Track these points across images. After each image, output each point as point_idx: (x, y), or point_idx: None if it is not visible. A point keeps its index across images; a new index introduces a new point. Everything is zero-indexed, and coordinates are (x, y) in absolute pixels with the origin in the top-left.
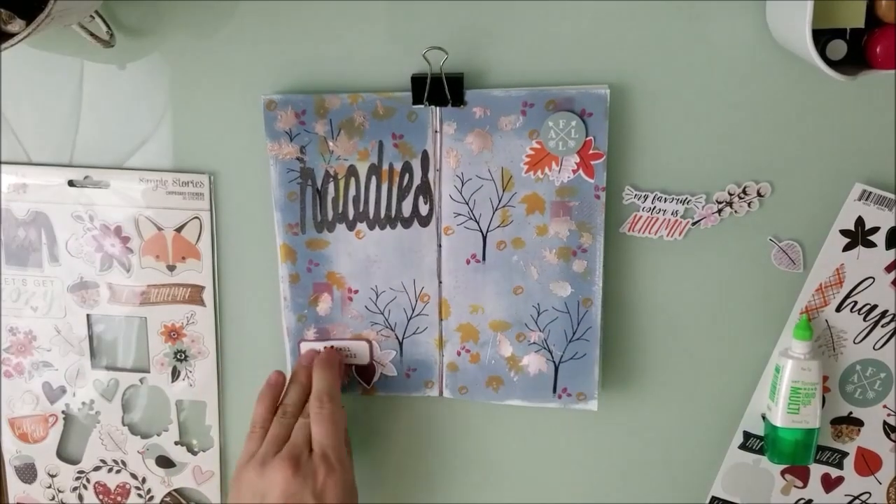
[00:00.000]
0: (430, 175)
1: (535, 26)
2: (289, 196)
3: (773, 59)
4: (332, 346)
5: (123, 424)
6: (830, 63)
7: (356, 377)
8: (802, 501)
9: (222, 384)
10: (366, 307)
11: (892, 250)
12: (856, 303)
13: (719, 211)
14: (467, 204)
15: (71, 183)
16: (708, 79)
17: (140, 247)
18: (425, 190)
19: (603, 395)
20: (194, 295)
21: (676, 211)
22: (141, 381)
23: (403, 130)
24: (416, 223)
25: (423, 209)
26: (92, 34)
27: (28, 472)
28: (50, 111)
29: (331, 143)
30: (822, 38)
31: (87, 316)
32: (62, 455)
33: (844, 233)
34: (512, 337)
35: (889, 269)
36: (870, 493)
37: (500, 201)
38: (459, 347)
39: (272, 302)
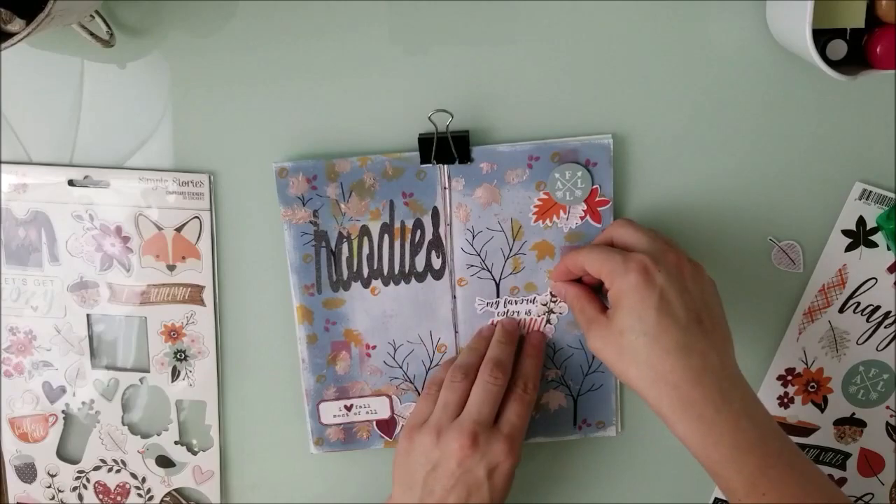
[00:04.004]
0: (441, 230)
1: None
2: (304, 258)
3: (773, 59)
4: (539, 330)
5: (123, 424)
6: (830, 63)
7: (377, 431)
8: None
9: (222, 384)
10: (384, 362)
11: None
12: (858, 304)
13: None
14: (479, 255)
15: (71, 182)
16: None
17: (140, 246)
18: (437, 244)
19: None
20: (194, 295)
21: None
22: (141, 380)
23: (413, 189)
24: (429, 277)
25: (436, 263)
26: (92, 34)
27: (28, 472)
28: (50, 111)
29: (343, 206)
30: (822, 38)
31: (87, 315)
32: (62, 455)
33: (846, 233)
34: None
35: (891, 269)
36: (872, 495)
37: (510, 250)
38: None
39: (272, 302)
